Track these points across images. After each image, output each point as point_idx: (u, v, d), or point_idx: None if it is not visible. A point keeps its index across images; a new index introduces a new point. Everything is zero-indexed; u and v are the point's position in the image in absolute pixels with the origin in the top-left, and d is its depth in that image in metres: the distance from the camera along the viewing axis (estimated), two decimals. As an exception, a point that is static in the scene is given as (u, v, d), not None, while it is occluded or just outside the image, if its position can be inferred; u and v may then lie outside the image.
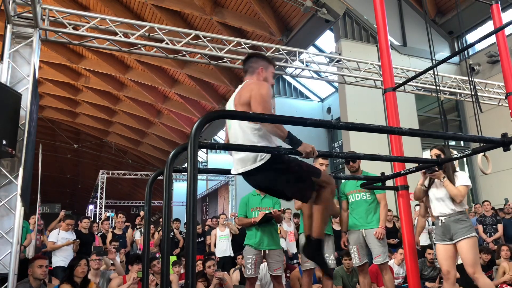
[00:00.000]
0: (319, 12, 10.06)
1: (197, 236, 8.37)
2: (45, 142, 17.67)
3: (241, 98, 2.69)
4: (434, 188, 4.16)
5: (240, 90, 2.77)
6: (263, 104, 2.53)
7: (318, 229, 2.80)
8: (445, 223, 4.03)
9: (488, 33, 4.13)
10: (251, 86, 2.69)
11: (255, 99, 2.57)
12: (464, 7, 11.26)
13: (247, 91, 2.67)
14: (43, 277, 4.63)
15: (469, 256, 3.86)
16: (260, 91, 2.59)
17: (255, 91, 2.61)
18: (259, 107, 2.52)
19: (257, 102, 2.55)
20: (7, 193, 5.09)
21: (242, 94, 2.69)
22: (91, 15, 7.06)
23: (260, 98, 2.56)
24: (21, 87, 5.38)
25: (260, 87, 2.64)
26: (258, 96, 2.57)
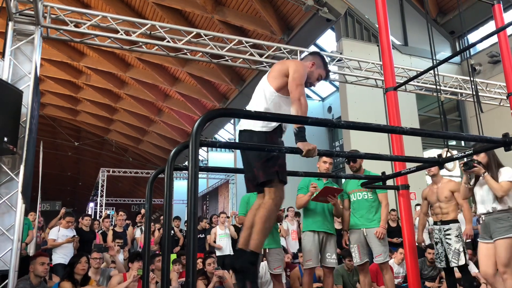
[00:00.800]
0: (321, 11, 10.04)
1: (199, 232, 8.38)
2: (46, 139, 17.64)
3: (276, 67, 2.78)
4: (478, 186, 4.15)
5: (278, 62, 2.86)
6: (300, 88, 2.61)
7: (256, 241, 2.56)
8: (485, 221, 4.03)
9: (490, 33, 4.12)
10: (291, 62, 2.76)
11: (294, 79, 2.63)
12: (466, 7, 11.24)
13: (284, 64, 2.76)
14: (44, 274, 4.64)
15: (503, 255, 3.85)
16: (299, 72, 2.65)
17: (294, 70, 2.66)
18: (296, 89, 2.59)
19: (295, 83, 2.61)
20: (8, 190, 5.10)
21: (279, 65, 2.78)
22: (92, 12, 7.06)
23: (299, 80, 2.62)
24: (23, 84, 5.39)
25: (299, 67, 2.69)
26: (297, 76, 2.63)
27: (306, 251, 4.67)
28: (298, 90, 2.59)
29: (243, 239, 2.64)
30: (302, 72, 2.69)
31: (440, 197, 5.07)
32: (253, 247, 2.56)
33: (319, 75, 2.95)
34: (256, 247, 2.56)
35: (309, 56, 2.99)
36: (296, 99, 2.57)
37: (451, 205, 5.03)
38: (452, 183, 5.14)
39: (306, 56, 3.03)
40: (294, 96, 2.59)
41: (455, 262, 4.84)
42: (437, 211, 5.12)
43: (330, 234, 4.72)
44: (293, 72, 2.66)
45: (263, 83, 2.80)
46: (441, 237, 5.03)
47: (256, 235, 2.56)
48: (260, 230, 2.56)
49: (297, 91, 2.59)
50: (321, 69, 2.95)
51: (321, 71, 2.94)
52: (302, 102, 2.56)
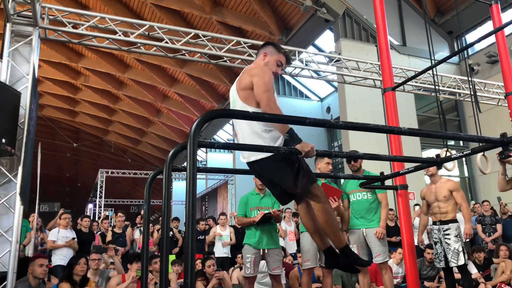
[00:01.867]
0: (319, 11, 10.05)
1: (198, 234, 8.36)
2: (45, 140, 17.63)
3: (242, 83, 2.68)
4: None
5: (242, 74, 2.76)
6: (266, 94, 2.52)
7: (338, 240, 2.71)
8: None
9: (488, 33, 4.13)
10: (252, 71, 2.68)
11: (259, 87, 2.54)
12: (464, 7, 11.27)
13: (248, 75, 2.66)
14: (42, 276, 4.63)
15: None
16: (262, 78, 2.57)
17: (257, 77, 2.59)
18: (263, 96, 2.51)
19: (260, 90, 2.53)
20: (6, 192, 5.09)
21: (243, 79, 2.68)
22: (90, 13, 7.05)
23: (264, 86, 2.53)
24: (21, 85, 5.38)
25: (261, 73, 2.61)
26: (261, 83, 2.55)
27: (305, 251, 4.67)
28: (264, 96, 2.51)
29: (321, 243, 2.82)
30: (265, 77, 2.59)
31: (438, 196, 5.07)
32: (339, 246, 2.71)
33: (278, 61, 2.85)
34: (342, 243, 2.71)
35: (260, 50, 2.92)
36: (264, 106, 2.49)
37: (450, 204, 5.04)
38: (450, 183, 5.15)
39: (258, 52, 2.94)
40: (262, 104, 2.51)
41: (454, 262, 4.84)
42: (436, 211, 5.13)
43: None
44: (256, 80, 2.58)
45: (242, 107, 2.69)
46: (440, 237, 5.03)
47: (334, 237, 2.70)
48: (333, 232, 2.69)
49: (264, 98, 2.51)
50: (276, 54, 2.85)
51: (277, 57, 2.85)
52: (272, 108, 2.47)
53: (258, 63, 2.85)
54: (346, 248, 2.71)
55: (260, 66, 2.76)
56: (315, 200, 2.66)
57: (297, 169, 2.59)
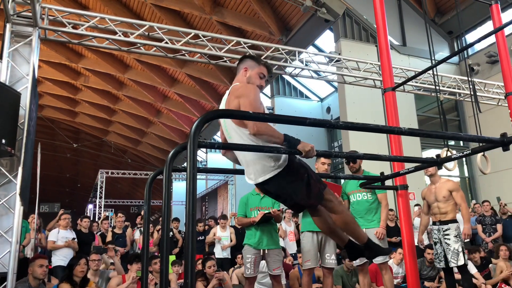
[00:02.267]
0: (319, 11, 10.05)
1: (198, 234, 8.35)
2: (45, 141, 17.65)
3: (230, 105, 2.60)
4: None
5: (228, 97, 2.68)
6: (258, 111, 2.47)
7: (359, 235, 2.80)
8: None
9: (488, 33, 4.13)
10: (238, 91, 2.59)
11: (245, 108, 2.46)
12: (464, 7, 11.27)
13: (234, 97, 2.59)
14: (42, 276, 4.63)
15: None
16: (248, 98, 2.49)
17: (243, 98, 2.51)
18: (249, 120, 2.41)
19: (251, 108, 2.44)
20: (6, 192, 5.09)
21: (231, 101, 2.60)
22: (90, 14, 7.05)
23: (250, 106, 2.45)
24: (21, 86, 5.38)
25: (246, 92, 2.53)
26: (247, 103, 2.47)
27: (305, 252, 4.67)
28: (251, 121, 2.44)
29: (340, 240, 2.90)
30: (250, 97, 2.50)
31: (438, 197, 5.07)
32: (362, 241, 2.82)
33: (260, 74, 2.78)
34: (364, 239, 2.82)
35: (240, 65, 2.83)
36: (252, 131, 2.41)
37: (450, 205, 5.04)
38: (450, 183, 5.15)
39: (238, 68, 2.84)
40: (250, 128, 2.43)
41: (454, 262, 4.84)
42: (436, 211, 5.13)
43: (330, 235, 4.72)
44: (243, 101, 2.50)
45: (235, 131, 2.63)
46: (440, 237, 5.03)
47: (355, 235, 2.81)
48: (353, 230, 2.79)
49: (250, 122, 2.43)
50: (256, 67, 2.78)
51: (258, 69, 2.78)
52: (260, 130, 2.38)
53: (241, 80, 2.76)
54: (369, 242, 2.82)
55: (244, 84, 2.67)
56: (330, 204, 2.68)
57: (307, 180, 2.58)
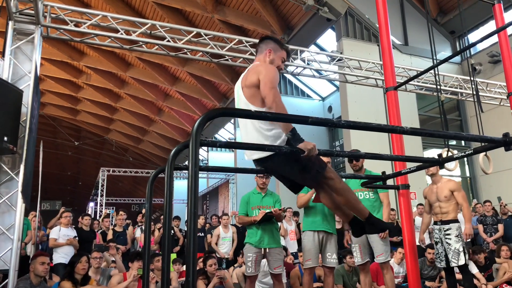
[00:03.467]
0: (321, 10, 10.03)
1: (198, 231, 8.35)
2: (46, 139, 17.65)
3: (247, 80, 2.70)
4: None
5: (248, 72, 2.77)
6: (273, 91, 2.55)
7: (360, 211, 2.83)
8: None
9: (490, 32, 4.12)
10: (258, 68, 2.69)
11: (265, 84, 2.56)
12: (466, 6, 11.24)
13: (254, 73, 2.68)
14: (44, 274, 4.63)
15: None
16: (268, 75, 2.59)
17: (264, 74, 2.61)
18: (269, 92, 2.53)
19: (267, 87, 2.55)
20: (8, 190, 5.10)
21: (249, 76, 2.70)
22: (92, 12, 7.06)
23: (270, 83, 2.56)
24: (23, 84, 5.39)
25: (268, 71, 2.63)
26: (267, 80, 2.57)
27: (306, 251, 4.67)
28: (271, 93, 2.53)
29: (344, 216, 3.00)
30: (271, 74, 2.62)
31: (439, 196, 5.07)
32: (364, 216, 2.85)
33: (282, 58, 2.89)
34: (365, 213, 2.84)
35: (262, 46, 2.90)
36: (270, 102, 2.51)
37: (451, 204, 5.03)
38: (451, 183, 5.14)
39: (260, 47, 2.93)
40: (269, 100, 2.53)
41: (455, 262, 4.84)
42: (437, 211, 5.12)
43: (330, 234, 4.73)
44: (263, 77, 2.60)
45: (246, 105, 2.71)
46: (441, 237, 5.03)
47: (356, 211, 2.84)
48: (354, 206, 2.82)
49: (270, 94, 2.53)
50: (279, 51, 2.88)
51: (280, 53, 2.88)
52: (278, 105, 2.50)
53: (263, 60, 2.86)
54: (370, 217, 2.85)
55: (266, 63, 2.78)
56: (331, 182, 2.72)
57: (305, 161, 2.58)
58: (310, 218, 4.74)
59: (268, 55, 2.85)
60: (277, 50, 2.87)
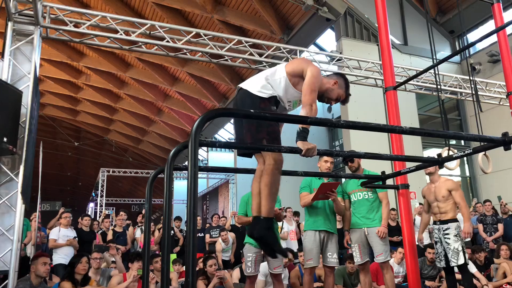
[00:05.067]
0: (320, 10, 10.03)
1: (198, 231, 8.34)
2: (46, 140, 17.66)
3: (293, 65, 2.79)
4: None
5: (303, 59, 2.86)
6: (313, 95, 2.63)
7: (265, 207, 2.63)
8: None
9: (489, 32, 4.12)
10: (313, 66, 2.74)
11: (310, 84, 2.63)
12: (465, 6, 11.25)
13: (303, 65, 2.75)
14: (45, 275, 4.63)
15: None
16: (315, 77, 2.66)
17: (311, 74, 2.67)
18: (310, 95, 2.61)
19: (310, 88, 2.62)
20: (8, 191, 5.10)
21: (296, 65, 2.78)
22: (92, 12, 7.06)
23: (313, 86, 2.64)
24: (22, 84, 5.39)
25: (315, 73, 2.69)
26: (314, 81, 2.65)
27: (307, 250, 4.67)
28: (312, 96, 2.62)
29: (255, 207, 2.74)
30: (319, 79, 2.71)
31: (437, 196, 5.07)
32: (265, 214, 2.64)
33: (339, 95, 2.94)
34: (268, 213, 2.64)
35: (333, 75, 2.99)
36: (308, 104, 2.59)
37: (449, 204, 5.03)
38: (449, 182, 5.14)
39: (330, 74, 3.04)
40: (307, 100, 2.60)
41: (455, 261, 4.84)
42: (435, 211, 5.13)
43: (332, 233, 4.73)
44: (311, 76, 2.66)
45: (280, 65, 2.85)
46: (440, 237, 5.03)
47: (265, 201, 2.64)
48: (267, 196, 2.64)
49: (310, 96, 2.61)
50: (342, 90, 2.94)
51: (341, 92, 2.94)
52: (313, 108, 2.59)
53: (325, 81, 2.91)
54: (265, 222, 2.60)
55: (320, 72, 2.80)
56: (268, 161, 2.65)
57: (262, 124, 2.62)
58: (312, 217, 4.74)
59: (332, 83, 2.90)
60: (341, 87, 2.93)
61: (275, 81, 2.75)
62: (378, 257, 4.68)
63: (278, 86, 2.75)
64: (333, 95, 2.91)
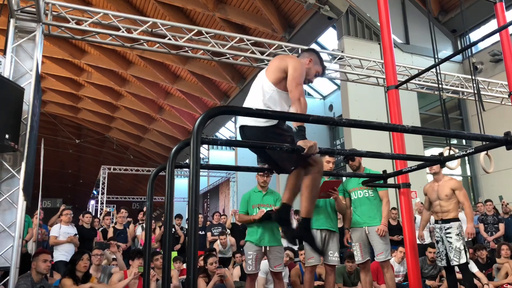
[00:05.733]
0: (322, 9, 10.02)
1: (199, 229, 8.33)
2: (47, 137, 17.66)
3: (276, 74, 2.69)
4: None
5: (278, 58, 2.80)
6: (300, 88, 2.59)
7: (306, 208, 2.70)
8: None
9: (492, 31, 4.11)
10: (291, 59, 2.70)
11: (293, 79, 2.60)
12: (468, 5, 11.22)
13: (281, 64, 2.69)
14: (46, 271, 4.63)
15: None
16: (298, 71, 2.63)
17: (293, 68, 2.63)
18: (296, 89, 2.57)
19: (294, 82, 2.59)
20: (10, 187, 5.11)
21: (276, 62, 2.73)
22: (94, 10, 7.05)
23: (298, 79, 2.60)
24: (24, 81, 5.39)
25: (297, 66, 2.65)
26: (297, 75, 2.61)
27: (308, 249, 4.67)
28: (298, 89, 2.58)
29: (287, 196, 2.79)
30: (301, 71, 2.67)
31: (440, 195, 5.07)
32: (304, 214, 2.71)
33: (316, 72, 2.93)
34: (308, 214, 2.71)
35: (305, 53, 2.96)
36: (296, 99, 2.56)
37: (452, 203, 5.03)
38: (453, 181, 5.14)
39: (302, 53, 3.01)
40: (294, 95, 2.58)
41: (456, 260, 4.84)
42: (437, 209, 5.12)
43: (333, 232, 4.73)
44: (293, 71, 2.63)
45: (261, 78, 2.78)
46: (442, 236, 5.03)
47: (306, 203, 2.69)
48: (308, 198, 2.69)
49: (297, 90, 2.58)
50: (318, 65, 2.93)
51: (318, 68, 2.92)
52: (302, 102, 2.55)
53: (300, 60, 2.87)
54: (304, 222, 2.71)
55: (300, 61, 2.77)
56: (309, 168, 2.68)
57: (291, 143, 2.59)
58: (314, 216, 4.73)
59: (307, 62, 2.87)
60: (316, 63, 2.91)
61: (271, 99, 2.69)
62: (378, 256, 4.68)
63: (275, 103, 2.69)
64: (311, 74, 2.89)
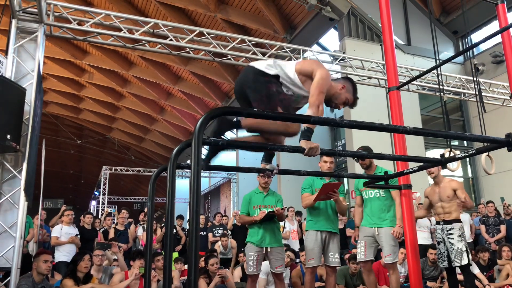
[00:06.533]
0: (324, 10, 10.04)
1: (200, 230, 8.33)
2: (49, 137, 17.69)
3: (304, 67, 2.73)
4: None
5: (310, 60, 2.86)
6: (321, 96, 2.61)
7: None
8: None
9: (493, 33, 4.10)
10: (321, 68, 2.71)
11: (318, 85, 2.61)
12: (469, 6, 11.21)
13: (314, 66, 2.71)
14: (47, 272, 4.64)
15: None
16: (324, 79, 2.64)
17: (320, 76, 2.64)
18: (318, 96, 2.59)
19: (318, 89, 2.60)
20: (11, 188, 5.11)
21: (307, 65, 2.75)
22: (95, 10, 7.07)
23: (322, 87, 2.61)
24: (26, 82, 5.40)
25: (328, 79, 2.68)
26: (322, 83, 2.62)
27: (309, 250, 4.66)
28: (319, 97, 2.60)
29: None
30: (328, 82, 2.70)
31: (442, 197, 5.06)
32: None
33: (347, 99, 2.92)
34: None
35: (341, 79, 2.97)
36: (315, 104, 2.58)
37: (453, 204, 5.03)
38: (454, 182, 5.14)
39: (338, 79, 3.02)
40: (314, 101, 2.59)
41: (458, 261, 4.83)
42: (439, 211, 5.12)
43: (334, 233, 4.72)
44: (320, 78, 2.64)
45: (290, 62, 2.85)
46: (443, 237, 5.02)
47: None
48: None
49: (318, 97, 2.60)
50: (350, 94, 2.93)
51: (349, 96, 2.92)
52: (320, 109, 2.59)
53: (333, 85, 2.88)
54: None
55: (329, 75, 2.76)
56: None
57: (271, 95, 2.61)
58: (314, 218, 4.73)
59: (339, 87, 2.87)
60: (348, 92, 2.91)
61: (284, 66, 2.74)
62: (386, 257, 4.61)
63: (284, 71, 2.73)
64: (341, 99, 2.88)
